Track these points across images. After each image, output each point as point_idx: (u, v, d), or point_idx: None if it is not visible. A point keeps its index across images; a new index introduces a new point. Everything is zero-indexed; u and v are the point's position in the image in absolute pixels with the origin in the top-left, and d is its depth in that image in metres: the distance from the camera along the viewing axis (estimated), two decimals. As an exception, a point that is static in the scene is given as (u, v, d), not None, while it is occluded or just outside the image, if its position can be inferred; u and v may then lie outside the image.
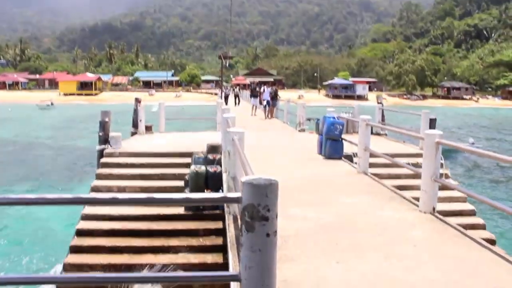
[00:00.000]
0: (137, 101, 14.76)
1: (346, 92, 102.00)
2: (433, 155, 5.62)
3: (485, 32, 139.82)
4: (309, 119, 17.52)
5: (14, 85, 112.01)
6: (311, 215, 5.63)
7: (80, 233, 8.65)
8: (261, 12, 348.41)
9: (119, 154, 10.87)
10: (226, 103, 35.32)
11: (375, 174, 9.10)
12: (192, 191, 9.09)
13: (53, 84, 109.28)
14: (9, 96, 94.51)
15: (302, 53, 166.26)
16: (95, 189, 9.79)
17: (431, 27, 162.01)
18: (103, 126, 11.27)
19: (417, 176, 8.76)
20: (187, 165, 10.01)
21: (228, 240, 4.85)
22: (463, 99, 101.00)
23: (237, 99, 37.58)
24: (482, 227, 9.24)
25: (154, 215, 9.02)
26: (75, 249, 8.32)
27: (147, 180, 10.09)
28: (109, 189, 9.77)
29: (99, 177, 10.17)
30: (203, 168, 9.09)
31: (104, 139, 11.11)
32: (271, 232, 2.51)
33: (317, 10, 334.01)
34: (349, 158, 10.51)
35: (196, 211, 9.08)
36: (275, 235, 2.55)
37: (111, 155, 10.82)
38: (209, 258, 8.06)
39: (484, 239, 8.42)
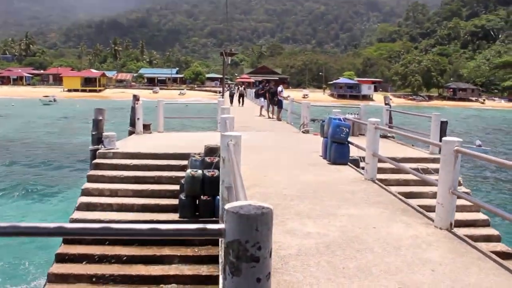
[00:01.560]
0: (135, 98, 14.18)
1: (351, 92, 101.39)
2: (451, 165, 5.03)
3: (492, 33, 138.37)
4: (313, 120, 16.94)
5: (18, 80, 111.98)
6: (314, 229, 5.05)
7: (67, 240, 8.10)
8: (267, 10, 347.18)
9: (113, 155, 10.30)
10: (232, 103, 34.34)
11: (382, 180, 8.53)
12: (187, 196, 8.54)
13: (58, 80, 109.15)
14: (13, 91, 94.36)
15: (307, 52, 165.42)
16: (86, 192, 9.23)
17: (437, 27, 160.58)
18: (97, 125, 10.71)
19: (427, 183, 8.20)
20: (184, 168, 9.47)
21: (220, 267, 4.31)
22: (469, 100, 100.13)
23: (241, 98, 36.10)
24: (497, 239, 8.64)
25: (147, 221, 8.46)
26: (61, 258, 7.78)
27: (141, 183, 9.53)
28: (100, 192, 9.22)
29: (91, 179, 9.61)
30: (199, 172, 8.53)
31: (98, 139, 10.55)
32: (263, 276, 1.95)
33: (323, 9, 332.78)
34: (356, 162, 9.93)
35: (192, 217, 8.52)
36: (268, 278, 1.98)
37: (104, 156, 10.25)
38: (204, 269, 7.51)
39: (499, 253, 7.84)
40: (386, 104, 15.51)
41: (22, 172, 19.87)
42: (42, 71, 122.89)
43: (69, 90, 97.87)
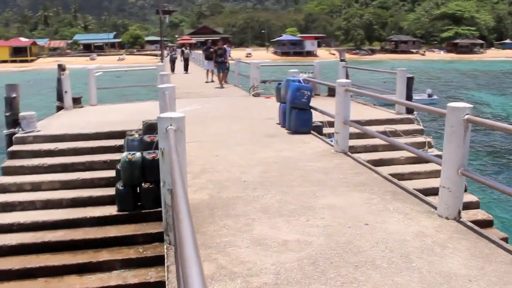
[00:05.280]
0: (61, 68, 12.28)
1: (295, 49, 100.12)
2: (460, 138, 3.91)
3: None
4: (264, 81, 15.62)
5: None
6: (290, 235, 3.82)
7: (-22, 249, 6.54)
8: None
9: (33, 139, 8.61)
10: (173, 70, 30.33)
11: (348, 147, 7.42)
12: (126, 185, 7.10)
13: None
14: None
15: (248, 9, 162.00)
16: (1, 188, 7.58)
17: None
18: (10, 104, 8.91)
19: (397, 147, 7.16)
20: (121, 149, 7.98)
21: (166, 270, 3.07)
22: (410, 52, 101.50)
23: (186, 63, 31.44)
24: (476, 205, 7.84)
25: (79, 219, 7.00)
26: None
27: (70, 172, 7.98)
28: (19, 187, 7.60)
29: (7, 171, 7.93)
30: (138, 155, 7.05)
31: (13, 121, 8.80)
32: None
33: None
34: (318, 129, 8.78)
35: (132, 209, 7.13)
36: None
37: (23, 141, 8.55)
38: (153, 274, 6.21)
39: (480, 221, 7.00)
40: (341, 60, 14.34)
41: None
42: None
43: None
